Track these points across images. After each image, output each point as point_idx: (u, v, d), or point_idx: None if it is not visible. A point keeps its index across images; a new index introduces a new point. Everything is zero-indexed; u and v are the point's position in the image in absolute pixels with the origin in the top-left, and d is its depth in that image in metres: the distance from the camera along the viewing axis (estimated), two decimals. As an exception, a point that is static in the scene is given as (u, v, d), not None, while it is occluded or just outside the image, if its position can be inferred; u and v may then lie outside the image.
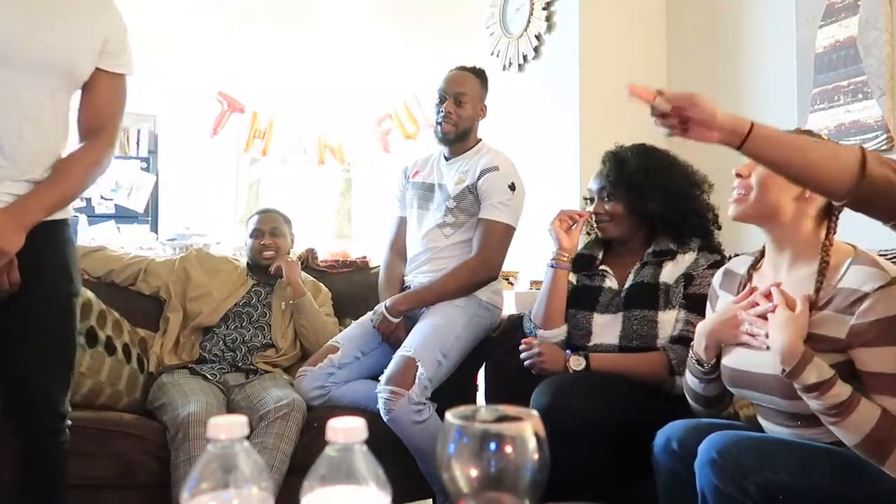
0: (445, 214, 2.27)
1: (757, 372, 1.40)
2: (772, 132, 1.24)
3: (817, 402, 1.26)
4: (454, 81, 2.30)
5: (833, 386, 1.25)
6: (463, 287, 2.20)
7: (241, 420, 0.69)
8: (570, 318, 1.95)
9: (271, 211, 2.58)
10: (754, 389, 1.42)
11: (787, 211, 1.40)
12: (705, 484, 1.29)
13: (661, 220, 1.88)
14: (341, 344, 2.25)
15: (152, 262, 2.47)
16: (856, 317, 1.28)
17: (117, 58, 1.61)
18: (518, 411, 0.68)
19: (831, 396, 1.24)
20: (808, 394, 1.27)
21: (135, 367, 2.20)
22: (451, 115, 2.26)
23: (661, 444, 1.46)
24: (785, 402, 1.35)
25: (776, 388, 1.35)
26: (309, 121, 4.94)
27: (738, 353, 1.45)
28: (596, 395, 1.65)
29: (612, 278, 1.94)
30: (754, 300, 1.43)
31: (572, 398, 1.63)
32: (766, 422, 1.46)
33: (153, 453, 1.93)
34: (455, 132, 2.28)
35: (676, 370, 1.73)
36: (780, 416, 1.40)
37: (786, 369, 1.28)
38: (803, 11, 2.46)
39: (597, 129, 2.95)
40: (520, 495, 0.64)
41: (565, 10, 3.05)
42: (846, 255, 1.36)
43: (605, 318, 1.89)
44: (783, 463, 1.26)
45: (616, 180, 1.92)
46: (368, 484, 0.67)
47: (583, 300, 1.94)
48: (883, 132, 2.20)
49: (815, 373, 1.25)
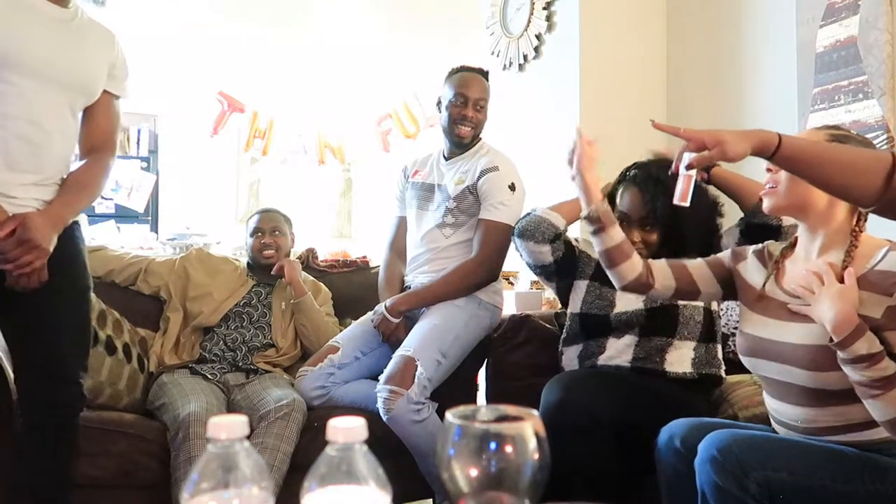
0: (445, 215, 2.27)
1: (780, 340, 1.40)
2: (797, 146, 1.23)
3: (863, 374, 1.25)
4: (475, 87, 2.27)
5: (883, 359, 1.24)
6: (463, 287, 2.20)
7: (242, 420, 0.69)
8: (594, 289, 1.98)
9: (271, 210, 2.58)
10: (773, 360, 1.41)
11: (819, 201, 1.41)
12: (706, 481, 1.29)
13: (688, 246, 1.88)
14: (341, 344, 2.25)
15: (152, 262, 2.47)
16: (894, 298, 1.29)
17: (120, 82, 1.84)
18: (518, 411, 0.68)
19: (879, 369, 1.24)
20: (855, 364, 1.25)
21: (135, 366, 2.20)
22: (472, 119, 2.26)
23: (664, 441, 1.47)
24: (805, 373, 1.35)
25: (800, 358, 1.34)
26: (309, 121, 4.93)
27: (761, 323, 1.47)
28: (605, 392, 1.66)
29: None
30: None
31: (582, 394, 1.64)
32: (775, 402, 1.45)
33: (153, 453, 1.93)
34: (472, 135, 2.29)
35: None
36: (793, 393, 1.39)
37: (835, 339, 1.27)
38: (803, 11, 2.46)
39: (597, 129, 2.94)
40: (520, 495, 0.64)
41: (565, 10, 3.05)
42: (883, 246, 1.38)
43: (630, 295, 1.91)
44: (784, 461, 1.27)
45: (663, 215, 1.88)
46: (368, 484, 0.67)
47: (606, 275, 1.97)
48: (883, 132, 2.20)
49: (867, 344, 1.25)
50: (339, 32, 5.49)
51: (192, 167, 5.98)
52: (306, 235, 3.93)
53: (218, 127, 4.59)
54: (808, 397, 1.37)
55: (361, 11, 5.24)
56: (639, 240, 1.92)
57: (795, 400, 1.40)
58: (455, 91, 2.27)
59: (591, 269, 2.03)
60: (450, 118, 2.28)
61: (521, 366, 2.15)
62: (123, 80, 1.85)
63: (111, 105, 1.83)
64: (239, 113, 4.59)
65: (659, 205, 1.89)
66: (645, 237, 1.93)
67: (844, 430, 1.34)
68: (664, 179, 1.89)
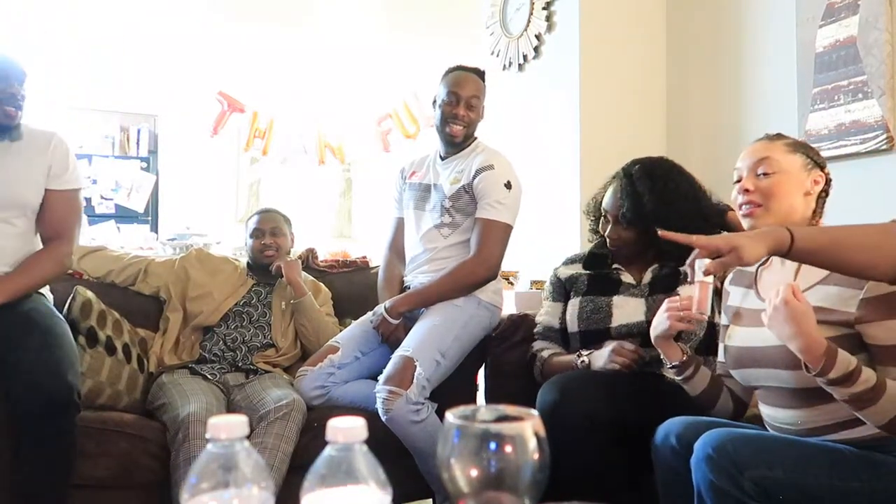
0: (442, 215, 2.27)
1: (762, 346, 1.42)
2: (809, 238, 1.25)
3: (846, 393, 1.25)
4: (468, 86, 2.27)
5: (860, 373, 1.25)
6: (462, 287, 2.20)
7: (241, 420, 0.69)
8: (587, 303, 1.98)
9: (271, 211, 2.58)
10: (759, 366, 1.43)
11: (799, 209, 1.49)
12: (701, 480, 1.30)
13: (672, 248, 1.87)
14: (341, 344, 2.25)
15: (152, 262, 2.47)
16: (865, 291, 1.31)
17: (62, 177, 1.98)
18: (518, 411, 0.68)
19: (861, 383, 1.24)
20: (836, 387, 1.26)
21: (135, 367, 2.20)
22: (464, 117, 2.26)
23: (661, 439, 1.47)
24: (789, 374, 1.36)
25: (783, 359, 1.35)
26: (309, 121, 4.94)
27: (743, 332, 1.50)
28: (602, 393, 1.66)
29: (626, 274, 2.01)
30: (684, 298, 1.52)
31: (578, 396, 1.64)
32: (769, 408, 1.46)
33: (153, 453, 1.93)
34: (464, 134, 2.28)
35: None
36: (783, 396, 1.41)
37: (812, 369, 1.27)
38: (803, 11, 2.46)
39: (597, 129, 2.96)
40: (520, 495, 0.64)
41: (565, 10, 3.05)
42: None
43: (625, 299, 1.94)
44: (779, 459, 1.27)
45: (633, 218, 1.94)
46: (368, 484, 0.67)
47: (602, 287, 1.99)
48: (883, 132, 2.20)
49: (843, 364, 1.26)
50: (339, 32, 5.49)
51: (191, 167, 5.98)
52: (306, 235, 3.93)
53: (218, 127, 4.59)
54: (797, 398, 1.38)
55: (361, 12, 5.24)
56: (616, 236, 1.98)
57: (786, 403, 1.41)
58: (448, 90, 2.27)
59: (584, 287, 2.04)
60: (442, 116, 2.28)
61: (520, 365, 2.15)
62: (64, 173, 1.99)
63: (60, 199, 1.99)
64: (239, 113, 4.59)
65: (629, 214, 1.94)
66: (620, 233, 1.98)
67: (837, 429, 1.35)
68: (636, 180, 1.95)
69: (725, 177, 1.59)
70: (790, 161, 1.49)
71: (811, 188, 1.50)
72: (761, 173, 1.49)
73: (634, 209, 1.94)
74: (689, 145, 2.96)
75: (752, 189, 1.49)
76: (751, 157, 1.53)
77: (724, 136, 2.79)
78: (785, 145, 1.52)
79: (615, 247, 2.01)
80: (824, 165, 1.54)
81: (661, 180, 1.95)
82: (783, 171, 1.48)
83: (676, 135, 3.02)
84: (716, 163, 2.79)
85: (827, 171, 1.54)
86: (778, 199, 1.48)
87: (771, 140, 1.54)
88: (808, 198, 1.50)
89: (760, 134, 1.58)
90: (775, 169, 1.48)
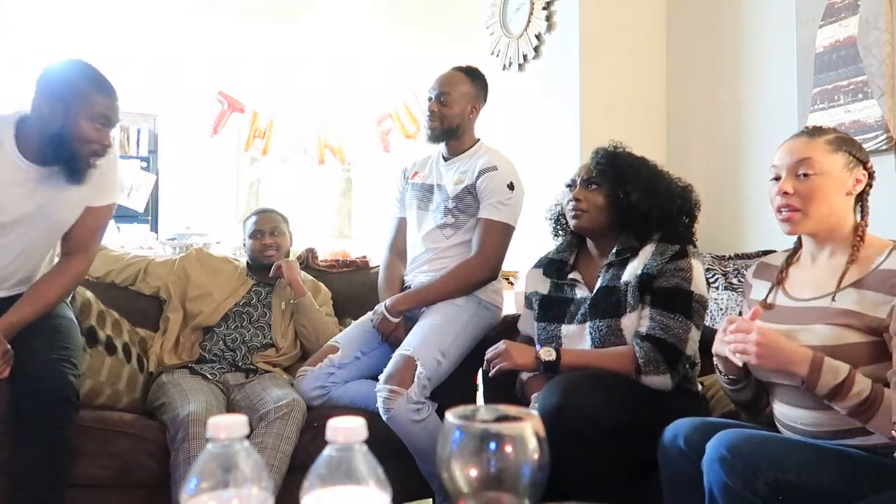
0: (445, 215, 2.27)
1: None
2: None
3: (844, 405, 1.26)
4: (440, 81, 2.32)
5: (854, 381, 1.25)
6: (463, 287, 2.20)
7: (241, 420, 0.69)
8: (542, 331, 1.92)
9: (269, 211, 2.58)
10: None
11: (838, 210, 1.44)
12: (714, 481, 1.28)
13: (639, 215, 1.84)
14: (341, 344, 2.25)
15: (152, 262, 2.47)
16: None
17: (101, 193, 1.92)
18: (518, 411, 0.68)
19: (855, 394, 1.24)
20: (832, 399, 1.27)
21: (135, 366, 2.20)
22: (435, 112, 2.29)
23: (668, 441, 1.45)
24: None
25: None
26: (309, 121, 4.94)
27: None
28: (605, 394, 1.65)
29: (582, 287, 1.91)
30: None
31: (581, 397, 1.63)
32: (784, 406, 1.44)
33: (153, 453, 1.93)
34: (440, 128, 2.29)
35: (643, 369, 1.71)
36: (800, 395, 1.38)
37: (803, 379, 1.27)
38: (803, 11, 2.46)
39: (597, 129, 2.95)
40: (519, 495, 0.64)
41: (565, 10, 3.05)
42: (888, 245, 1.40)
43: (572, 328, 1.86)
44: (793, 462, 1.26)
45: (605, 168, 1.88)
46: (368, 484, 0.67)
47: (553, 313, 1.92)
48: (883, 132, 2.20)
49: (832, 372, 1.25)
50: (339, 33, 5.49)
51: (191, 167, 5.97)
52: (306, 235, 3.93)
53: (218, 127, 4.59)
54: (814, 399, 1.35)
55: (361, 12, 5.25)
56: (582, 198, 1.88)
57: (803, 403, 1.39)
58: (429, 88, 2.32)
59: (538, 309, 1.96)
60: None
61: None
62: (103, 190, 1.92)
63: (93, 214, 1.94)
64: (239, 113, 4.60)
65: (602, 164, 1.89)
66: (588, 196, 1.88)
67: (852, 434, 1.33)
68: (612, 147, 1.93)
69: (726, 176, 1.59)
70: (832, 161, 1.41)
71: (853, 188, 1.43)
72: (801, 174, 1.41)
73: (610, 161, 1.88)
74: (689, 145, 2.96)
75: (792, 192, 1.41)
76: (790, 155, 1.44)
77: (724, 137, 2.78)
78: (826, 143, 1.42)
79: (578, 218, 1.89)
80: (867, 161, 1.46)
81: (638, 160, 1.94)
82: (825, 173, 1.40)
83: (676, 135, 3.02)
84: (716, 163, 2.79)
85: (870, 165, 1.46)
86: (818, 203, 1.41)
87: (812, 137, 1.45)
88: (849, 197, 1.44)
89: (760, 134, 1.56)
90: (816, 170, 1.40)
